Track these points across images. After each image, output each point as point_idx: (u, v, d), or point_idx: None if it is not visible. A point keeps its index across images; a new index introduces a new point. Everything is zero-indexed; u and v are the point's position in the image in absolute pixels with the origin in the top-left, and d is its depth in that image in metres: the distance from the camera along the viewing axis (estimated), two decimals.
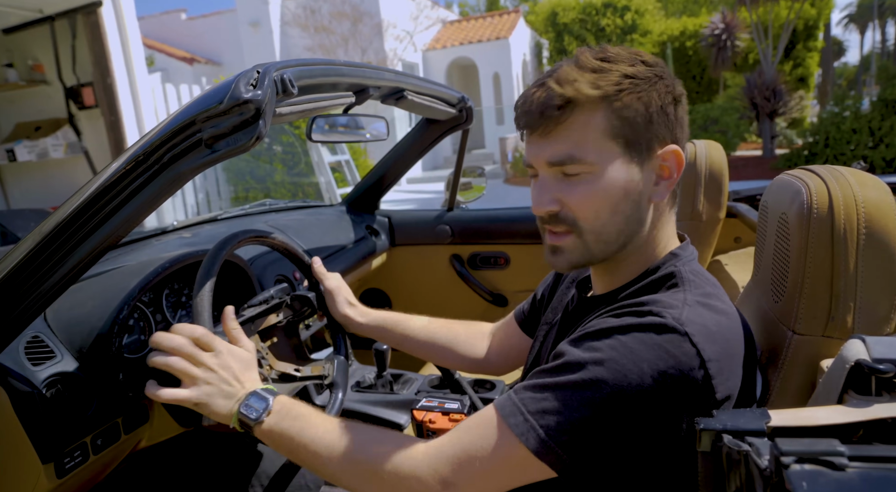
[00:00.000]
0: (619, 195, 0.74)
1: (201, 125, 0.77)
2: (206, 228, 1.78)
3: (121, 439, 1.02)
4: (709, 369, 0.65)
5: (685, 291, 0.72)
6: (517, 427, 0.67)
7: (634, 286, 0.77)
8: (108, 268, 1.22)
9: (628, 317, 0.69)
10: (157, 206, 0.81)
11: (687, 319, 0.66)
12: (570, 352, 0.69)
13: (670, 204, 0.80)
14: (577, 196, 0.74)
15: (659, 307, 0.68)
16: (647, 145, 0.73)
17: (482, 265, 2.26)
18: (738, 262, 1.75)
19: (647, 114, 0.72)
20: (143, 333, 1.17)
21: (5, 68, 5.30)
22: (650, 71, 0.73)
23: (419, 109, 1.71)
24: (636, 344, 0.65)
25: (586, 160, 0.72)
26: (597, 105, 0.72)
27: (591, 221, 0.75)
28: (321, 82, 1.06)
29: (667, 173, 0.75)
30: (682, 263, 0.77)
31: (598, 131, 0.72)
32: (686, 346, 0.65)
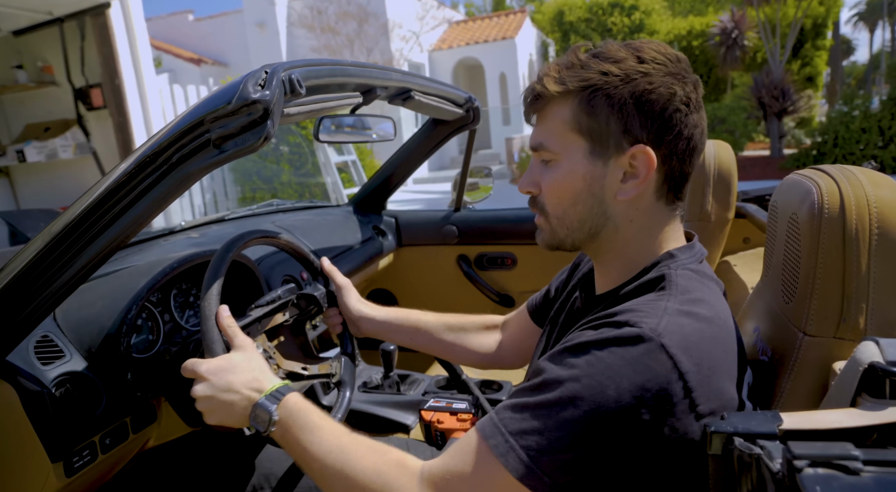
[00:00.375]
0: (579, 186, 0.76)
1: (210, 125, 0.77)
2: (214, 228, 1.78)
3: (129, 438, 1.03)
4: (687, 382, 0.63)
5: (670, 296, 0.70)
6: (497, 448, 0.66)
7: (630, 286, 0.77)
8: (116, 268, 1.22)
9: (605, 328, 0.68)
10: (165, 206, 0.81)
11: (664, 329, 0.65)
12: (548, 369, 0.68)
13: (667, 202, 0.78)
14: (545, 181, 0.79)
15: (636, 316, 0.67)
16: (615, 142, 0.74)
17: (489, 266, 2.25)
18: (747, 263, 1.74)
19: (618, 112, 0.72)
20: (152, 332, 1.17)
21: (15, 70, 5.35)
22: (640, 68, 0.72)
23: (426, 110, 1.71)
24: (612, 359, 0.64)
25: (551, 149, 0.77)
26: (564, 99, 0.75)
27: (553, 207, 0.79)
28: (329, 82, 1.06)
29: (636, 173, 0.74)
30: (677, 264, 0.76)
31: (564, 123, 0.76)
32: (662, 357, 0.63)
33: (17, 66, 5.37)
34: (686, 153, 0.75)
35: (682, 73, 0.74)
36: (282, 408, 0.81)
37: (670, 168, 0.75)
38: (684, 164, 0.76)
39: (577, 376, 0.65)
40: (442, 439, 1.16)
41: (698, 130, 0.76)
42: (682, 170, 0.76)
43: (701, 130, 0.76)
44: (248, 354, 0.89)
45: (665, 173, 0.76)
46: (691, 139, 0.75)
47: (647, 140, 0.73)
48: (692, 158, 0.77)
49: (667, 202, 0.78)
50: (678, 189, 0.78)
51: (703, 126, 0.77)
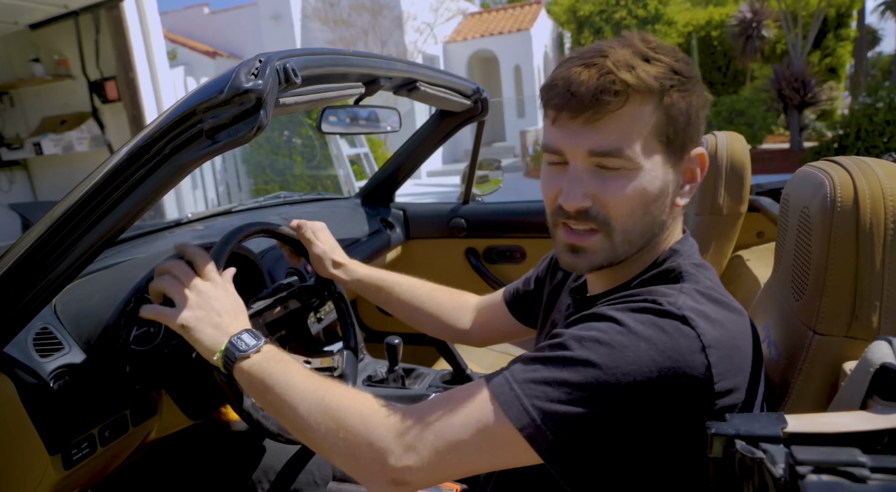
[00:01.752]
0: (654, 195, 0.70)
1: (202, 116, 0.76)
2: (220, 220, 1.78)
3: (129, 431, 1.02)
4: (708, 356, 0.61)
5: (684, 281, 0.70)
6: (501, 396, 0.62)
7: (634, 282, 0.75)
8: (117, 260, 1.22)
9: (624, 304, 0.67)
10: (159, 197, 0.80)
11: (684, 304, 0.64)
12: (566, 332, 0.66)
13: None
14: (614, 193, 0.68)
15: (654, 296, 0.67)
16: (682, 147, 0.71)
17: (497, 259, 2.23)
18: (761, 257, 1.70)
19: (688, 114, 0.70)
20: (152, 325, 1.16)
21: (32, 63, 5.40)
22: (691, 69, 0.70)
23: (433, 101, 1.68)
24: (634, 323, 0.63)
25: (631, 156, 0.67)
26: (650, 98, 0.67)
27: (623, 221, 0.70)
28: (329, 72, 1.04)
29: (693, 176, 0.74)
30: (683, 258, 0.74)
31: (647, 126, 0.67)
32: (685, 328, 0.62)
33: (35, 59, 5.42)
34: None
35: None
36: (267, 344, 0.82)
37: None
38: None
39: (596, 337, 0.63)
40: None
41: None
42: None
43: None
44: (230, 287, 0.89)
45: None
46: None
47: (697, 142, 0.73)
48: None
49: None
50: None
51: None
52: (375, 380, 1.58)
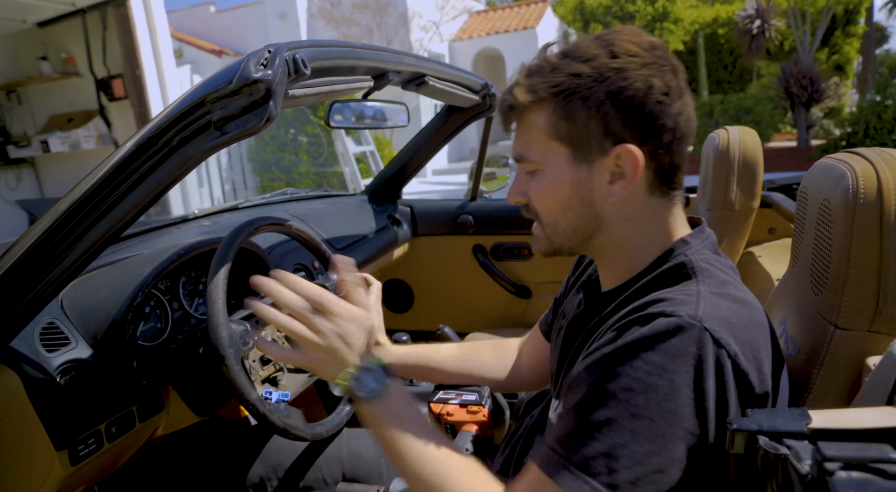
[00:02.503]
0: (567, 193, 0.73)
1: (210, 106, 0.75)
2: (227, 216, 1.77)
3: (136, 426, 1.01)
4: (739, 364, 0.61)
5: (698, 282, 0.68)
6: (567, 485, 0.61)
7: (643, 279, 0.73)
8: (124, 256, 1.21)
9: (637, 326, 0.63)
10: (167, 189, 0.79)
11: (703, 313, 0.62)
12: (592, 383, 0.63)
13: (661, 195, 0.74)
14: (533, 191, 0.76)
15: (669, 306, 0.63)
16: (597, 144, 0.70)
17: (505, 256, 2.22)
18: (773, 254, 1.68)
19: (597, 114, 0.68)
20: (160, 321, 1.16)
21: (40, 61, 5.42)
22: (613, 64, 0.68)
23: (441, 96, 1.67)
24: (659, 357, 0.60)
25: (533, 159, 0.74)
26: (538, 107, 0.72)
27: (545, 215, 0.76)
28: (338, 65, 1.02)
29: (622, 173, 0.71)
30: (692, 250, 0.72)
31: (541, 132, 0.72)
32: (708, 342, 0.60)
33: (42, 57, 5.44)
34: (673, 143, 0.71)
35: (659, 61, 0.69)
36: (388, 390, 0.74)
37: (659, 162, 0.71)
38: (673, 155, 0.72)
39: (627, 385, 0.61)
40: (452, 431, 1.14)
41: (683, 117, 0.71)
42: (672, 161, 0.72)
43: (686, 116, 0.71)
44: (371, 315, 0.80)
45: (654, 168, 0.72)
46: (676, 129, 0.70)
47: (630, 138, 0.69)
48: (681, 147, 0.72)
49: (661, 195, 0.74)
50: (671, 180, 0.74)
51: (689, 112, 0.72)
52: None
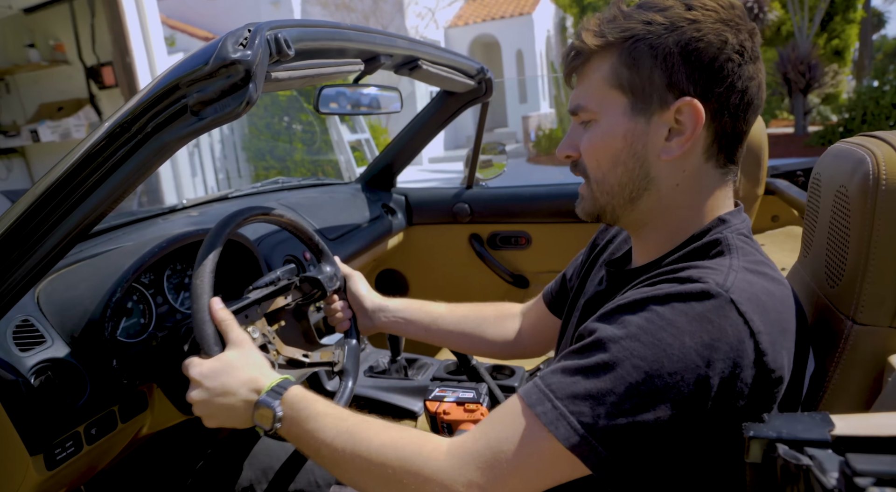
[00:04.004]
0: (619, 146, 0.70)
1: (186, 90, 0.70)
2: (216, 206, 1.72)
3: (117, 427, 0.97)
4: (759, 343, 0.57)
5: (731, 257, 0.64)
6: (545, 416, 0.59)
7: (676, 254, 0.70)
8: (107, 248, 1.16)
9: (665, 284, 0.61)
10: (142, 179, 0.74)
11: (732, 285, 0.59)
12: (600, 328, 0.61)
13: (717, 165, 0.70)
14: (584, 143, 0.73)
15: (700, 272, 0.61)
16: (658, 97, 0.67)
17: (502, 245, 2.17)
18: (777, 242, 1.64)
19: (662, 63, 0.66)
20: (143, 316, 1.11)
21: (28, 49, 5.32)
22: (687, 15, 0.65)
23: (435, 81, 1.62)
24: (675, 315, 0.57)
25: (589, 108, 0.72)
26: (605, 54, 0.69)
27: (594, 170, 0.73)
28: (325, 47, 0.97)
29: (681, 129, 0.67)
30: (730, 229, 0.69)
31: (602, 79, 0.70)
32: (732, 315, 0.57)
33: (30, 44, 5.34)
34: (740, 109, 0.67)
35: (736, 19, 0.66)
36: (284, 403, 0.76)
37: (721, 125, 0.68)
38: (738, 121, 0.68)
39: (635, 334, 0.58)
40: (449, 430, 1.10)
41: (754, 82, 0.67)
42: (736, 128, 0.68)
43: (758, 83, 0.68)
44: (243, 351, 0.82)
45: (715, 131, 0.68)
46: (745, 92, 0.67)
47: (694, 93, 0.66)
48: (747, 115, 0.68)
49: (717, 165, 0.70)
50: (731, 150, 0.70)
51: (761, 79, 0.68)
52: (377, 371, 1.53)
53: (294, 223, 1.12)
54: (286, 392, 0.76)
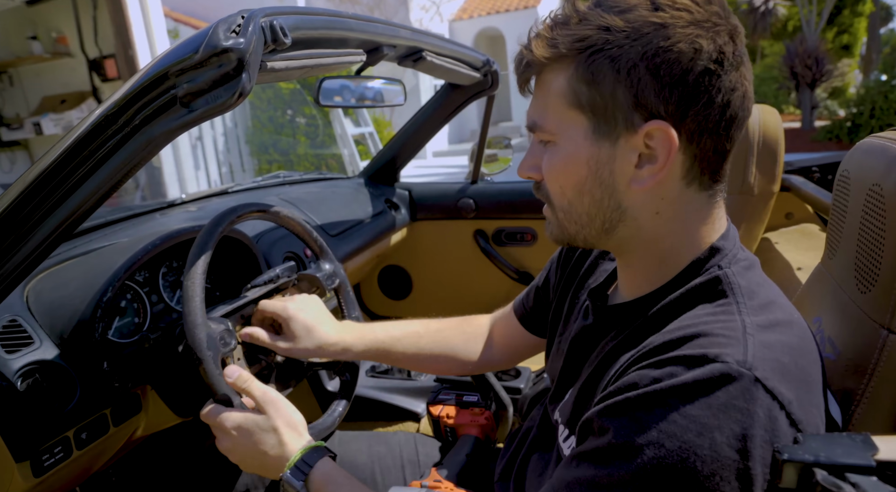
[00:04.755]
0: (583, 173, 0.62)
1: (175, 80, 0.65)
2: (215, 201, 1.68)
3: (109, 431, 0.94)
4: (791, 414, 0.51)
5: (740, 309, 0.57)
6: None
7: (670, 296, 0.62)
8: (101, 245, 1.13)
9: (678, 367, 0.53)
10: (129, 175, 0.70)
11: (754, 357, 0.52)
12: (614, 429, 0.54)
13: (701, 188, 0.62)
14: (545, 166, 0.65)
15: (713, 344, 0.53)
16: (624, 118, 0.58)
17: (508, 241, 2.13)
18: (790, 240, 1.60)
19: (627, 78, 0.57)
20: (138, 315, 1.08)
21: (30, 41, 5.29)
22: (653, 18, 0.56)
23: (440, 73, 1.57)
24: (698, 409, 0.51)
25: (547, 128, 0.63)
26: (559, 65, 0.60)
27: (557, 197, 0.65)
28: (325, 36, 0.93)
29: (653, 155, 0.59)
30: (726, 260, 0.62)
31: (558, 96, 0.61)
32: (760, 394, 0.50)
33: (32, 37, 5.31)
34: (721, 126, 0.58)
35: (713, 19, 0.57)
36: (309, 482, 0.74)
37: (701, 147, 0.59)
38: (720, 139, 0.59)
39: (658, 441, 0.51)
40: (453, 435, 1.06)
41: (737, 93, 0.58)
42: (718, 147, 0.59)
43: (742, 93, 0.58)
44: (269, 416, 0.79)
45: (694, 154, 0.59)
46: (728, 107, 0.58)
47: (666, 114, 0.57)
48: (730, 132, 0.59)
49: (701, 187, 0.62)
50: (715, 170, 0.61)
51: (746, 87, 0.59)
52: (379, 371, 1.49)
53: (291, 220, 1.08)
54: (312, 472, 0.74)
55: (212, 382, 0.84)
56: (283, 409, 0.80)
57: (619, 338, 0.66)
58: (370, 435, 1.10)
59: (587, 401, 0.67)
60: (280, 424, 0.78)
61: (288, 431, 0.78)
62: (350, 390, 1.10)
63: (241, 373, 0.82)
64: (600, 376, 0.66)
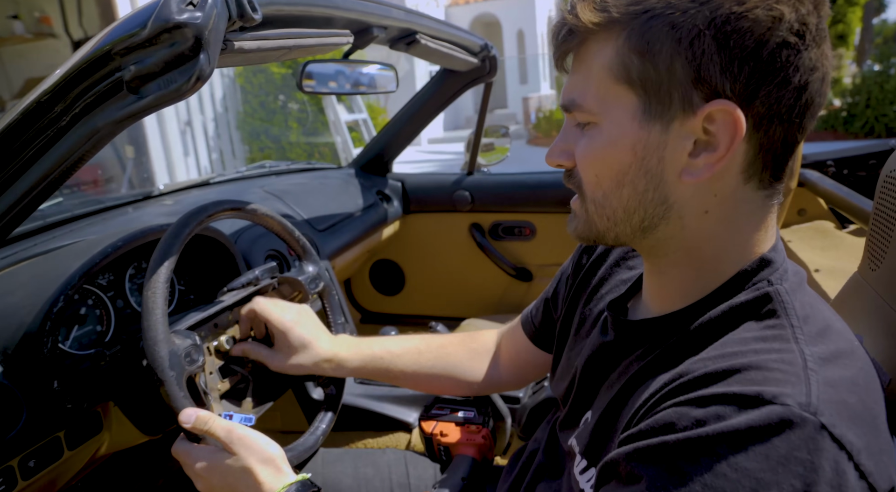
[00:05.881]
0: (626, 160, 0.53)
1: (120, 61, 0.55)
2: (194, 193, 1.58)
3: (63, 456, 0.84)
4: (860, 465, 0.42)
5: (796, 336, 0.48)
6: None
7: (710, 312, 0.53)
8: (61, 243, 1.02)
9: (722, 406, 0.44)
10: (71, 172, 0.60)
11: (819, 399, 0.43)
12: (650, 479, 0.45)
13: (760, 186, 0.53)
14: (580, 151, 0.56)
15: (772, 385, 0.44)
16: (681, 97, 0.49)
17: (505, 236, 2.04)
18: (804, 238, 1.51)
19: (689, 49, 0.48)
20: (100, 323, 0.97)
21: (11, 20, 5.13)
22: None
23: (435, 57, 1.47)
24: (752, 461, 0.42)
25: (587, 107, 0.54)
26: (608, 34, 0.51)
27: (592, 188, 0.56)
28: (305, 14, 0.82)
29: (712, 143, 0.50)
30: (777, 275, 0.53)
31: (604, 69, 0.52)
32: (825, 444, 0.42)
33: (14, 16, 5.15)
34: (795, 112, 0.49)
35: None
36: None
37: (769, 135, 0.50)
38: (791, 128, 0.50)
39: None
40: (446, 454, 0.97)
41: (817, 75, 0.49)
42: (788, 137, 0.50)
43: (821, 75, 0.49)
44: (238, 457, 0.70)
45: (760, 144, 0.50)
46: (804, 90, 0.49)
47: (732, 93, 0.48)
48: (804, 120, 0.50)
49: (760, 185, 0.53)
50: (778, 165, 0.52)
51: (826, 70, 0.50)
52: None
53: (270, 218, 0.98)
54: None
55: (174, 405, 0.75)
56: (254, 444, 0.71)
57: (648, 358, 0.57)
58: (356, 454, 1.01)
59: (610, 430, 0.59)
60: (253, 462, 0.69)
61: (263, 469, 0.69)
62: (335, 404, 1.01)
63: (199, 415, 0.73)
64: (625, 402, 0.57)
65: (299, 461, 0.91)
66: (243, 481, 0.69)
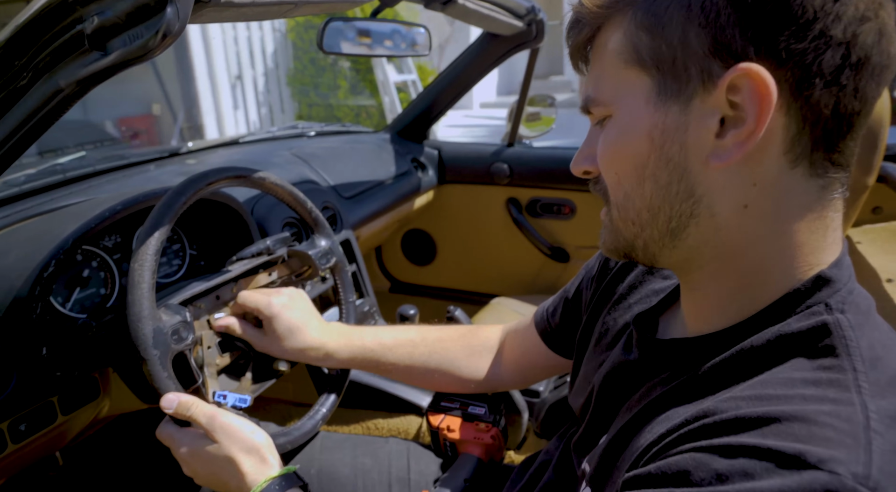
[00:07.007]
0: (644, 150, 0.45)
1: (81, 11, 0.49)
2: (220, 153, 1.54)
3: (56, 421, 0.82)
4: None
5: (859, 385, 0.39)
6: None
7: (751, 339, 0.44)
8: (67, 202, 1.00)
9: (752, 460, 0.36)
10: (37, 135, 0.54)
11: (881, 471, 0.34)
12: None
13: (811, 168, 0.42)
14: (599, 151, 0.50)
15: (820, 445, 0.35)
16: (699, 68, 0.41)
17: (543, 213, 1.94)
18: (876, 240, 1.35)
19: (700, 14, 0.40)
20: (105, 286, 0.94)
21: None
22: None
23: (475, 19, 1.36)
24: None
25: (601, 99, 0.48)
26: (616, 17, 0.46)
27: (613, 188, 0.49)
28: None
29: (740, 116, 0.41)
30: (838, 298, 0.43)
31: (614, 55, 0.46)
32: None
33: None
34: (843, 72, 0.39)
35: None
36: None
37: (811, 104, 0.40)
38: (842, 93, 0.40)
39: None
40: (453, 450, 0.91)
41: (869, 25, 0.39)
42: (839, 106, 0.40)
43: (877, 27, 0.39)
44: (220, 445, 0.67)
45: (803, 114, 0.40)
46: (852, 45, 0.39)
47: (757, 56, 0.39)
48: (860, 82, 0.40)
49: (811, 171, 0.42)
50: (832, 142, 0.41)
51: (884, 21, 0.40)
52: None
53: (279, 187, 0.92)
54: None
55: (157, 386, 0.71)
56: (238, 433, 0.67)
57: (673, 384, 0.48)
58: (357, 442, 0.96)
59: (616, 459, 0.51)
60: (235, 451, 0.66)
61: (246, 459, 0.66)
62: (339, 386, 0.96)
63: (181, 399, 0.69)
64: (638, 430, 0.49)
65: (294, 447, 0.87)
66: (226, 470, 0.66)
